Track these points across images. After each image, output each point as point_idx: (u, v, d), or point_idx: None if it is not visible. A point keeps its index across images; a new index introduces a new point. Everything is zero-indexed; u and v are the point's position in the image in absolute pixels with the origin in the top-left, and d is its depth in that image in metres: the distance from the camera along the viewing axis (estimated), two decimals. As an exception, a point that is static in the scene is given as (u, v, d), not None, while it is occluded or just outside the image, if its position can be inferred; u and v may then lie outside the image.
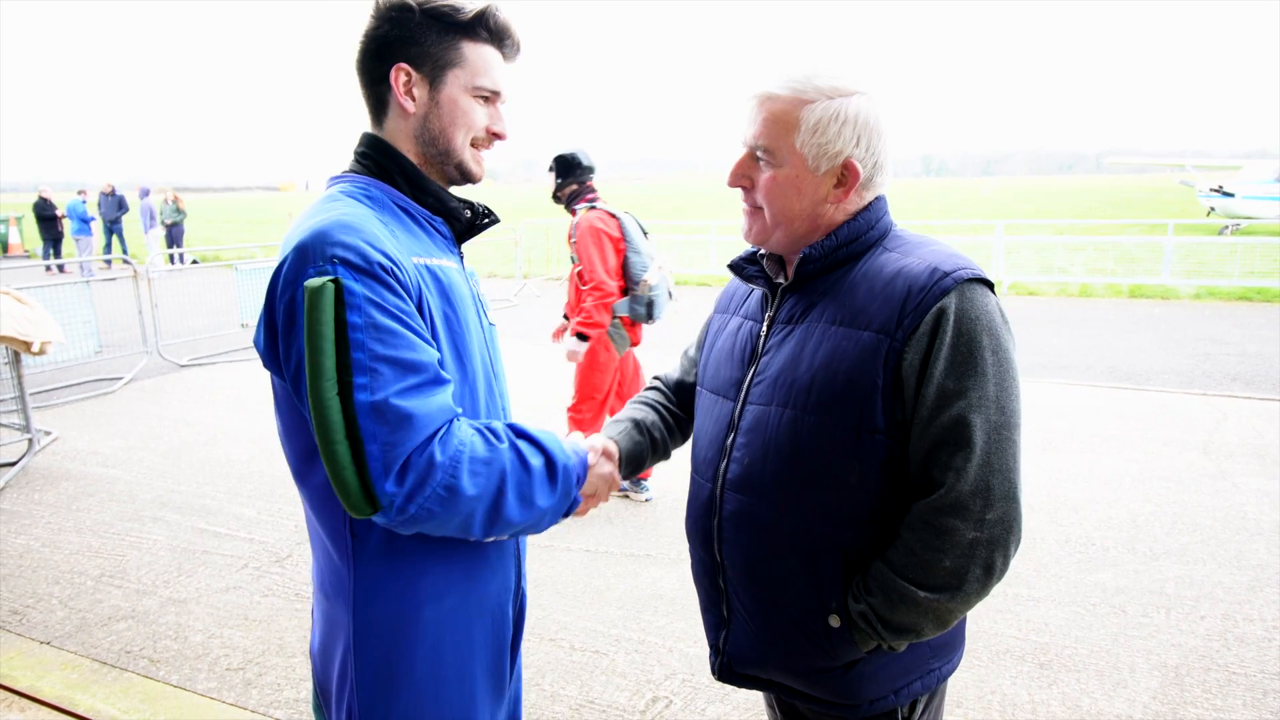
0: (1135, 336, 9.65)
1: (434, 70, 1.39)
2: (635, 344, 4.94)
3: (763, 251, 1.53)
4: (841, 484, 1.33)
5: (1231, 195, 22.09)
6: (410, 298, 1.28)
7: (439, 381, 1.27)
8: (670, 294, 4.83)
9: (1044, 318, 10.93)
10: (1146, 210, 32.15)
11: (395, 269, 1.26)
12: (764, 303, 1.50)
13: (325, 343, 1.20)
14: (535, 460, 1.36)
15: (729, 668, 1.53)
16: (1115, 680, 3.04)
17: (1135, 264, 14.74)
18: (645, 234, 4.78)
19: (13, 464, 5.58)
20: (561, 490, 1.39)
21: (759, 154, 1.39)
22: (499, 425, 1.37)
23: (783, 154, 1.36)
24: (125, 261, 9.60)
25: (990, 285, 1.33)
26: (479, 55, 1.41)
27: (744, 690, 2.99)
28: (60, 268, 18.60)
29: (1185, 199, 31.82)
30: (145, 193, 20.42)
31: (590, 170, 4.75)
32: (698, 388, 1.64)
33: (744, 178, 1.42)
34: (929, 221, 23.28)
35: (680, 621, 3.50)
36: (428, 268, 1.36)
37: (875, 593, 1.32)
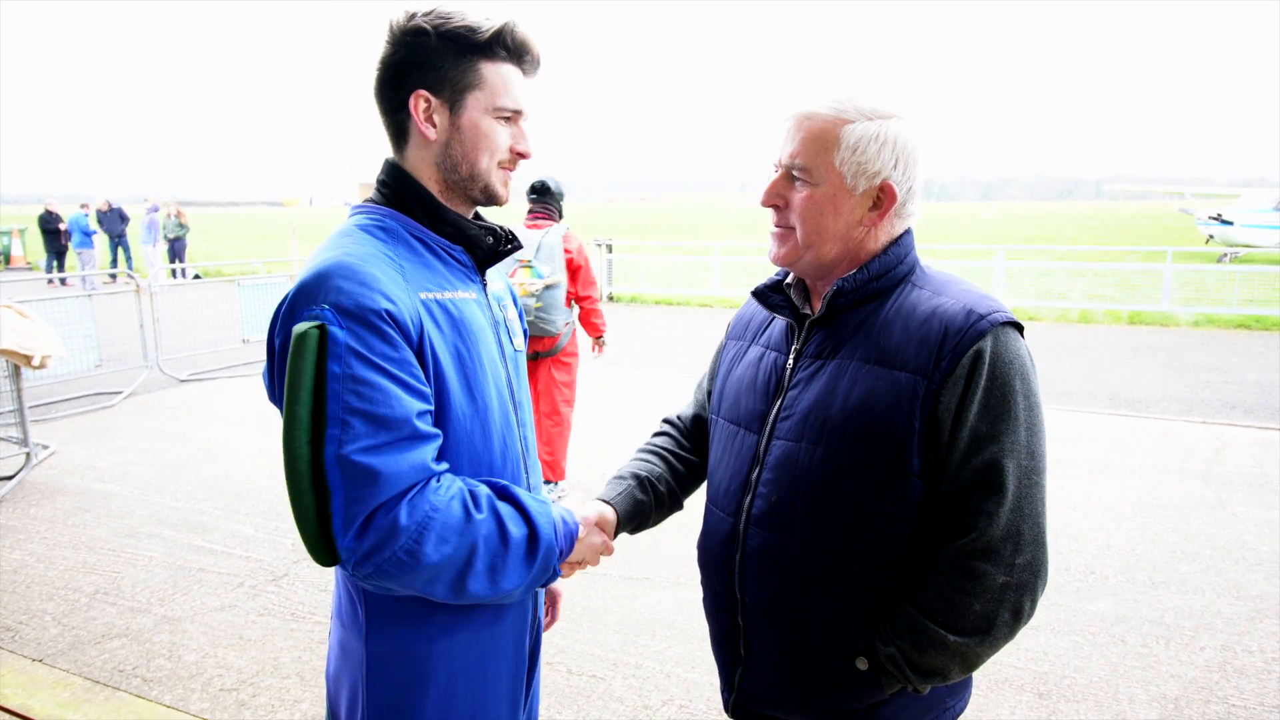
0: (1134, 363, 9.66)
1: (453, 94, 1.36)
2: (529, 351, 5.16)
3: (789, 280, 1.51)
4: (874, 524, 1.32)
5: (1230, 223, 22.20)
6: (408, 342, 1.25)
7: (417, 438, 1.23)
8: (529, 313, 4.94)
9: (1043, 343, 10.94)
10: (1146, 237, 32.29)
11: (392, 313, 1.23)
12: (789, 334, 1.48)
13: (303, 391, 1.19)
14: (517, 530, 1.31)
15: (744, 706, 1.51)
16: (1115, 711, 3.02)
17: (1134, 291, 14.78)
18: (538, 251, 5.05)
19: (9, 478, 5.57)
20: (540, 565, 1.35)
21: (795, 172, 1.37)
22: (484, 491, 1.32)
23: (821, 172, 1.35)
24: (131, 276, 9.62)
25: (1020, 328, 1.33)
26: (498, 75, 1.37)
27: None
28: (62, 281, 18.64)
29: (1184, 226, 31.99)
30: (155, 209, 20.39)
31: (530, 193, 5.28)
32: (713, 416, 1.61)
33: (778, 197, 1.40)
34: (930, 246, 23.35)
35: (678, 647, 3.48)
36: (438, 302, 1.34)
37: (904, 636, 1.31)
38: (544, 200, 5.24)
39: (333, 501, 1.18)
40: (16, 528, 4.80)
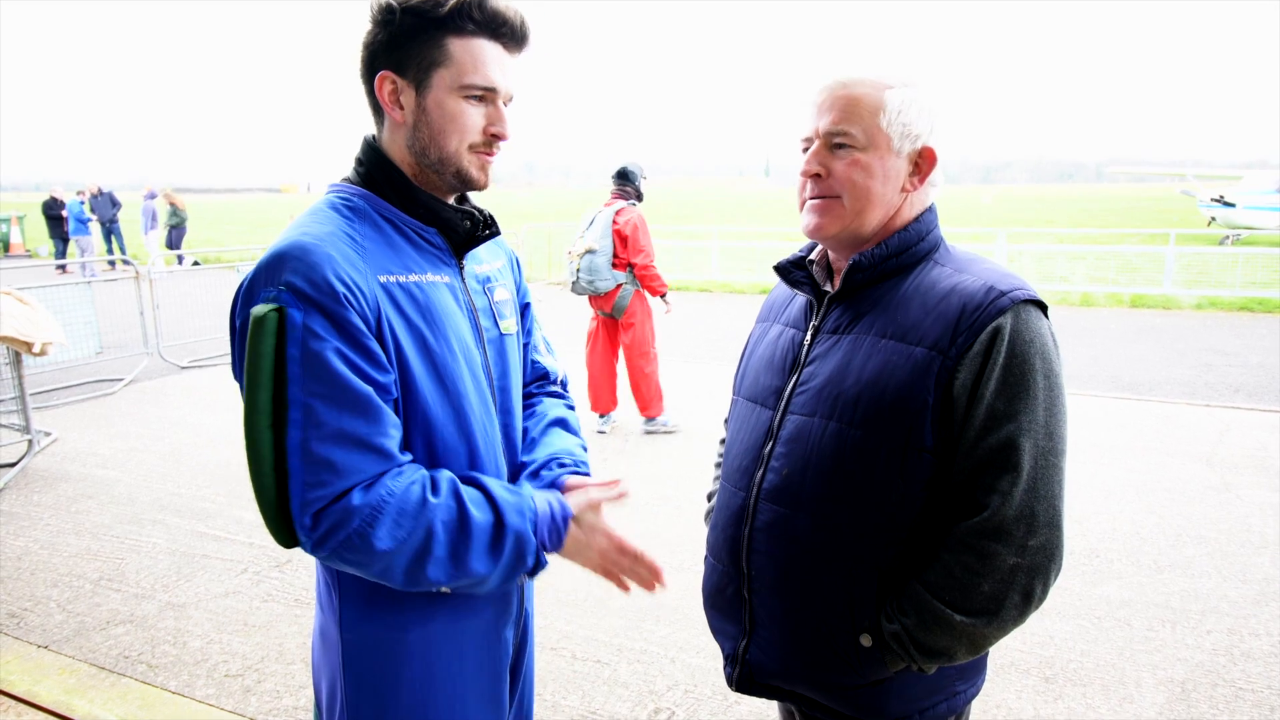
0: (1137, 346, 9.64)
1: (418, 74, 1.29)
2: (596, 309, 6.39)
3: (812, 257, 1.51)
4: (884, 501, 1.30)
5: (1232, 205, 22.12)
6: (365, 325, 1.23)
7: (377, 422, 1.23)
8: (574, 275, 6.14)
9: (1046, 327, 10.90)
10: (1147, 220, 32.18)
11: (351, 295, 1.22)
12: (808, 310, 1.47)
13: (262, 375, 1.18)
14: (480, 516, 1.27)
15: (750, 677, 1.50)
16: (1121, 695, 3.02)
17: (1136, 273, 14.74)
18: (590, 224, 6.25)
19: (12, 465, 5.56)
20: (511, 554, 1.30)
21: (838, 139, 1.35)
22: (446, 476, 1.29)
23: (868, 135, 1.34)
24: (126, 262, 9.59)
25: (1044, 307, 1.32)
26: (466, 50, 1.29)
27: (747, 704, 2.97)
28: (62, 268, 18.59)
29: (1186, 209, 31.87)
30: (152, 195, 20.32)
31: (613, 176, 6.42)
32: (733, 397, 1.61)
33: (820, 166, 1.38)
34: (930, 229, 23.23)
35: (683, 632, 3.48)
36: (400, 285, 1.30)
37: (910, 613, 1.29)
38: (620, 184, 6.30)
39: (291, 486, 1.18)
40: (20, 514, 4.80)
